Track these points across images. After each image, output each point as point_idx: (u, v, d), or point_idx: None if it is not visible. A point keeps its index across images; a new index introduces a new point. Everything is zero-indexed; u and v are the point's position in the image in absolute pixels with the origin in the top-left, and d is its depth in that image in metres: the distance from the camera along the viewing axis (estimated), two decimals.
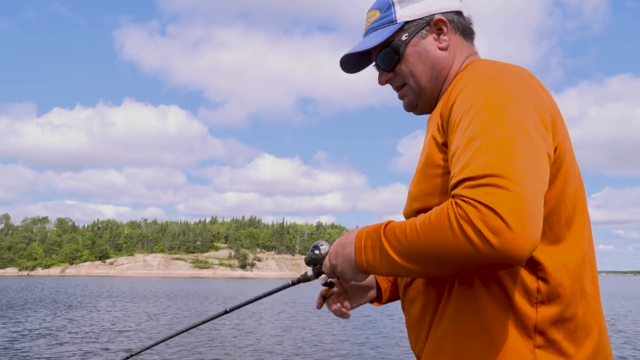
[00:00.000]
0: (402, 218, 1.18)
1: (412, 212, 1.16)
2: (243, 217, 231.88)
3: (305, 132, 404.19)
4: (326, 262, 1.21)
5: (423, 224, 0.96)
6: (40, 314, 22.46)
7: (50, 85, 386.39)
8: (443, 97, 1.21)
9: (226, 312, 1.46)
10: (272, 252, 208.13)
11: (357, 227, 1.21)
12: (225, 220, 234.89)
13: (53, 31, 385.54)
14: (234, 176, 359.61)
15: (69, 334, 15.92)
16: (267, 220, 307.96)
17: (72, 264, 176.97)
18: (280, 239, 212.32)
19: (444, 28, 1.27)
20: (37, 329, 17.22)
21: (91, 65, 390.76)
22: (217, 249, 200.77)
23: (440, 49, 1.27)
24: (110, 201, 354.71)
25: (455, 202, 0.93)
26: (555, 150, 1.08)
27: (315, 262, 1.23)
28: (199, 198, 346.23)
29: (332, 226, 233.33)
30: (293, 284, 1.35)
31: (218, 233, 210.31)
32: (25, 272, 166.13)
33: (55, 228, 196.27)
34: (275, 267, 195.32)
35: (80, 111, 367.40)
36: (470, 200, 0.90)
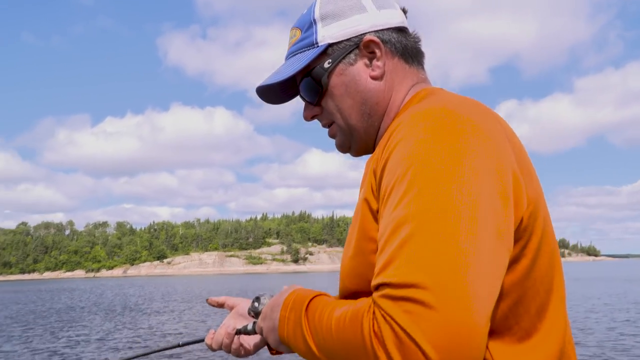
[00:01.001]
0: None
1: (346, 292, 0.93)
2: (293, 213, 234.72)
3: None
4: (259, 320, 1.01)
5: (338, 324, 0.76)
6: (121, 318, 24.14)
7: (102, 95, 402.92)
8: (380, 144, 0.92)
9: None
10: (324, 246, 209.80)
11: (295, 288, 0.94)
12: (276, 216, 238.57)
13: (101, 43, 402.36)
14: (282, 172, 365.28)
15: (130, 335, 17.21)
16: (317, 214, 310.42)
17: (132, 264, 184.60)
18: (331, 232, 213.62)
19: (377, 51, 0.99)
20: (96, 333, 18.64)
21: (138, 73, 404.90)
22: (269, 244, 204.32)
23: (373, 77, 1.00)
24: (165, 203, 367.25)
25: (373, 312, 0.71)
26: (521, 222, 0.82)
27: (256, 314, 1.06)
28: (249, 196, 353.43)
29: None
30: (237, 333, 1.15)
31: (269, 229, 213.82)
32: (91, 274, 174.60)
33: (115, 231, 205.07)
34: (328, 260, 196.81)
35: (131, 118, 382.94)
36: (387, 317, 0.68)
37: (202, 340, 1.20)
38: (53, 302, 35.92)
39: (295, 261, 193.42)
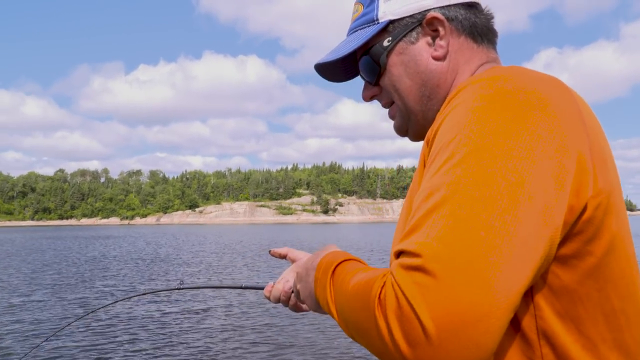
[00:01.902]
0: None
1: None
2: (324, 163, 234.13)
3: None
4: (296, 281, 1.01)
5: (353, 290, 0.73)
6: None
7: (135, 42, 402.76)
8: (437, 117, 0.84)
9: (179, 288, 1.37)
10: (354, 197, 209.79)
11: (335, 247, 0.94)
12: (307, 166, 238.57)
13: None
14: (314, 122, 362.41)
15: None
16: (348, 165, 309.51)
17: (165, 213, 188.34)
18: (361, 183, 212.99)
19: (440, 29, 0.91)
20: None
21: (170, 21, 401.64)
22: (299, 195, 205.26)
23: (435, 58, 0.92)
24: (197, 152, 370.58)
25: (385, 280, 0.67)
26: (583, 212, 0.71)
27: None
28: (281, 146, 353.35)
29: (413, 169, 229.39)
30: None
31: (300, 180, 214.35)
32: (125, 222, 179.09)
33: (148, 180, 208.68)
34: (357, 212, 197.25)
35: (164, 66, 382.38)
36: (395, 286, 0.64)
37: (262, 289, 1.22)
38: (87, 249, 36.13)
39: (325, 212, 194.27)
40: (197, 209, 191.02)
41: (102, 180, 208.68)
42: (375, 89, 1.01)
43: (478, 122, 0.70)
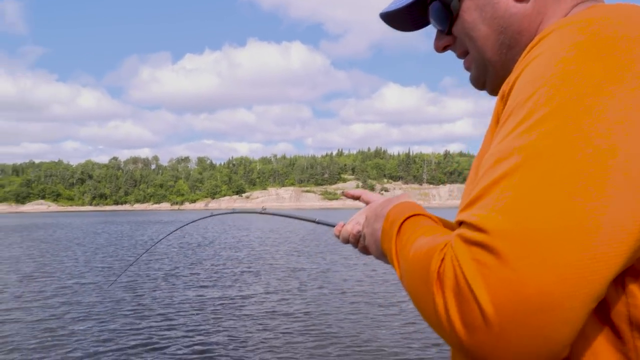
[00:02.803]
0: None
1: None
2: (369, 149, 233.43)
3: (430, 58, 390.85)
4: (363, 225, 0.96)
5: (414, 255, 0.67)
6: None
7: (181, 32, 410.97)
8: (514, 68, 0.69)
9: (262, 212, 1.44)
10: (399, 182, 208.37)
11: (407, 195, 0.90)
12: (352, 152, 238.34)
13: None
14: (359, 107, 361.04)
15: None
16: (393, 150, 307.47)
17: (213, 198, 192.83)
18: (407, 168, 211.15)
19: None
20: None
21: (214, 9, 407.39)
22: (344, 180, 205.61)
23: None
24: (243, 139, 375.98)
25: (445, 252, 0.60)
26: None
27: None
28: (325, 131, 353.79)
29: (461, 154, 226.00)
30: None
31: (345, 165, 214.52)
32: (176, 207, 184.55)
33: (196, 166, 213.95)
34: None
35: (209, 55, 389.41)
36: (455, 261, 0.57)
37: (333, 226, 1.23)
38: (138, 234, 37.85)
39: None
40: (243, 195, 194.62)
41: (153, 167, 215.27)
42: (448, 39, 0.88)
43: (563, 76, 0.58)
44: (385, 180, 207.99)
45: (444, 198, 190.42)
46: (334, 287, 13.20)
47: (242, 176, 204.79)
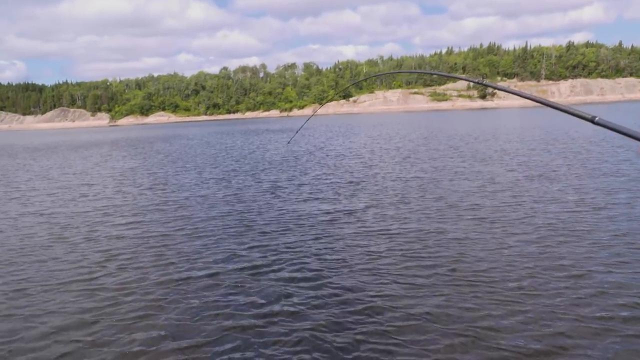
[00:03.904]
0: None
1: None
2: (481, 45, 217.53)
3: None
4: None
5: None
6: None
7: None
8: None
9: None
10: (515, 80, 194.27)
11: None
12: (462, 49, 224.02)
13: None
14: (471, 0, 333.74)
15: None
16: (509, 45, 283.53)
17: (320, 104, 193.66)
18: (523, 64, 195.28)
19: None
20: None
21: None
22: (454, 81, 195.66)
23: None
24: (349, 41, 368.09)
25: None
26: None
27: None
28: (434, 29, 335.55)
29: (587, 45, 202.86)
30: None
31: (455, 64, 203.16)
32: (285, 113, 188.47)
33: (302, 72, 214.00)
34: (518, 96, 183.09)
35: None
36: None
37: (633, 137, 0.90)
38: (244, 145, 38.81)
39: (483, 97, 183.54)
40: (351, 99, 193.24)
41: (261, 75, 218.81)
42: None
43: None
44: (499, 78, 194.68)
45: (565, 95, 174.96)
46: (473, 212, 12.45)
47: (348, 80, 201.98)
